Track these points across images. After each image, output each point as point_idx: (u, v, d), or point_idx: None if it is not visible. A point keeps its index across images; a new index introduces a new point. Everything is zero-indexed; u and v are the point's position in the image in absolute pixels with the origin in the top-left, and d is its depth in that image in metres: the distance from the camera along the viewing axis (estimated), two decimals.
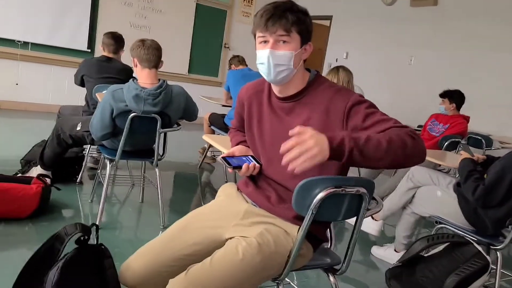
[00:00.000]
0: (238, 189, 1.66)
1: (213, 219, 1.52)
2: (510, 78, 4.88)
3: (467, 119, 4.19)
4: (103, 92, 2.95)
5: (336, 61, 6.98)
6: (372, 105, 1.42)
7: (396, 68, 6.20)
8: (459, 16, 5.44)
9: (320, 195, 1.36)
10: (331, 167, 1.44)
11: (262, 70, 1.44)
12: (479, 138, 4.28)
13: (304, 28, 1.41)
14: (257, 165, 1.56)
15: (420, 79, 5.84)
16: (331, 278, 1.61)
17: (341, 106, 1.39)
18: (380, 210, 1.69)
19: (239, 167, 1.54)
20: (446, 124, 4.18)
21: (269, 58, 1.39)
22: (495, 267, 2.28)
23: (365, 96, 1.53)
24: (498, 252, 2.29)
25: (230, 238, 1.44)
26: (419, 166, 2.91)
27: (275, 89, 1.51)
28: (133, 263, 1.42)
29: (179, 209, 3.45)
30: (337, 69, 3.52)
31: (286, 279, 1.80)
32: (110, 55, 3.50)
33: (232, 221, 1.50)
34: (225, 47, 7.73)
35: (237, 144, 1.69)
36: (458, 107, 4.22)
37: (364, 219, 3.01)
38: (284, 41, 1.40)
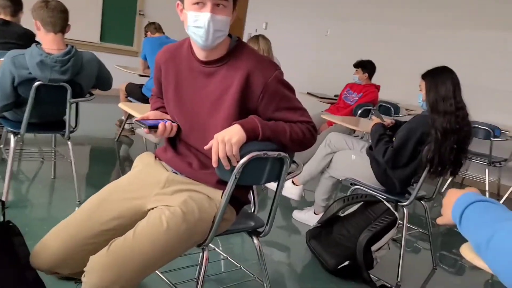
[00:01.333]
0: (156, 157, 1.61)
1: (132, 190, 1.46)
2: (416, 50, 5.24)
3: (378, 88, 4.45)
4: (1, 59, 2.65)
5: (256, 31, 6.98)
6: (290, 88, 1.46)
7: (314, 39, 6.36)
8: None
9: (243, 160, 1.37)
10: None
11: (198, 33, 1.36)
12: (389, 106, 4.58)
13: None
14: (174, 124, 1.52)
15: (336, 50, 6.06)
16: (255, 241, 1.65)
17: (261, 81, 1.39)
18: (300, 173, 1.74)
19: (155, 127, 1.49)
20: (359, 93, 4.41)
21: (210, 23, 1.33)
22: (402, 222, 2.49)
23: (282, 67, 1.57)
24: (404, 208, 2.49)
25: (152, 209, 1.40)
26: (336, 133, 3.05)
27: (200, 54, 1.45)
28: (48, 244, 1.32)
29: (97, 183, 3.29)
30: (257, 37, 3.52)
31: (211, 245, 1.81)
32: (8, 18, 3.14)
33: (153, 191, 1.45)
34: (139, 14, 7.34)
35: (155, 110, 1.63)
36: (370, 77, 4.46)
37: (285, 185, 3.12)
38: (222, 5, 1.35)
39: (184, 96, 1.50)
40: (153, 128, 1.49)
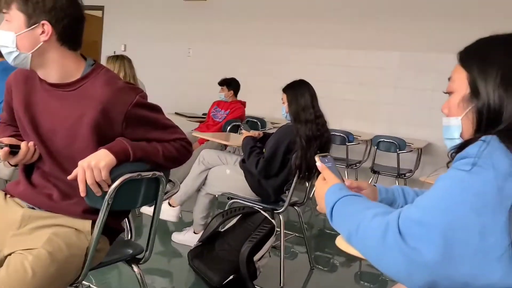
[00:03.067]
0: (6, 194, 1.41)
1: None
2: (274, 67, 5.58)
3: (244, 104, 4.62)
4: None
5: (114, 53, 6.72)
6: (155, 109, 1.40)
7: (176, 60, 6.36)
8: (228, 12, 5.93)
9: (115, 183, 1.28)
10: None
11: None
12: (255, 120, 4.79)
13: (31, 5, 1.24)
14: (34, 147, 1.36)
15: (200, 70, 6.14)
16: (135, 269, 1.55)
17: (121, 109, 1.31)
18: (177, 191, 1.70)
19: (17, 147, 1.31)
20: (227, 110, 4.52)
21: None
22: (279, 229, 2.59)
23: (147, 89, 1.52)
24: (280, 215, 2.60)
25: (10, 254, 1.21)
26: (208, 149, 3.06)
27: (45, 76, 1.34)
28: None
29: None
30: (121, 59, 3.38)
31: (85, 282, 1.64)
32: None
33: (8, 233, 1.26)
34: None
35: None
36: (236, 94, 4.61)
37: (162, 208, 3.00)
38: (6, 19, 1.27)
39: (39, 119, 1.35)
40: (14, 148, 1.31)
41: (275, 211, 2.60)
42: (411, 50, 4.84)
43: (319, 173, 1.11)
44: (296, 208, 2.80)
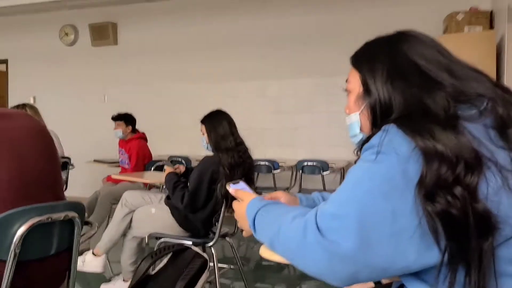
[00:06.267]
0: None
1: None
2: (195, 103, 5.54)
3: (143, 136, 4.22)
4: None
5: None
6: None
7: (91, 106, 6.14)
8: (139, 53, 5.88)
9: (21, 229, 1.17)
10: None
11: None
12: (180, 159, 4.72)
13: None
14: None
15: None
16: None
17: None
18: (95, 233, 1.60)
19: None
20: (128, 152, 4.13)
21: None
22: (212, 264, 2.52)
23: (62, 139, 1.45)
24: (212, 248, 2.54)
25: None
26: (131, 191, 2.94)
27: None
28: None
29: None
30: (17, 106, 3.20)
31: None
32: None
33: None
34: None
35: None
36: (134, 129, 4.20)
37: (86, 259, 2.80)
38: None
39: None
40: None
41: (206, 245, 2.53)
42: (321, 76, 5.11)
43: None
44: (228, 239, 2.75)
